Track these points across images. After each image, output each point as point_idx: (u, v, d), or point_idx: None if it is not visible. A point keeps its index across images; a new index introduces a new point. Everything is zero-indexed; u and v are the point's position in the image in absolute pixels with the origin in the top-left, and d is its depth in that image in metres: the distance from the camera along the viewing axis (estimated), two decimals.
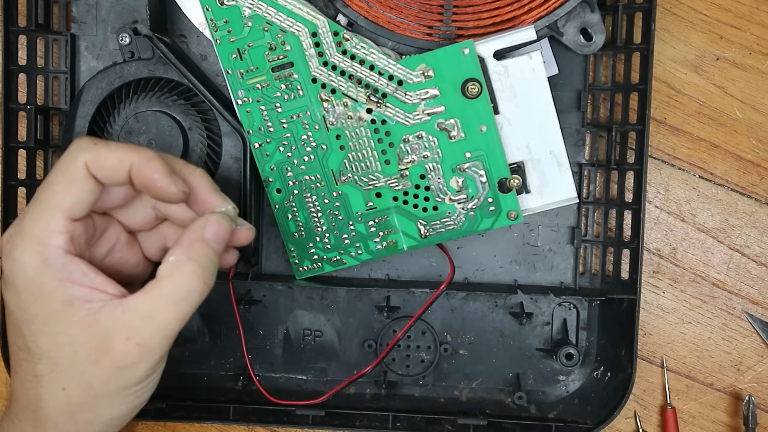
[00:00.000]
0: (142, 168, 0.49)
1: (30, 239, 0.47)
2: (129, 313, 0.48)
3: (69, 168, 0.48)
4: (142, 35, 0.63)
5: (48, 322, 0.47)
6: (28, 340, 0.48)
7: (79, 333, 0.47)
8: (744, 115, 0.67)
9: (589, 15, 0.60)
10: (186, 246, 0.49)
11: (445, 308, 0.69)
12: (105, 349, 0.47)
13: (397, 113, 0.58)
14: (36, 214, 0.48)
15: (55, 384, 0.48)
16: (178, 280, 0.48)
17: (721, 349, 0.68)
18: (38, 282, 0.47)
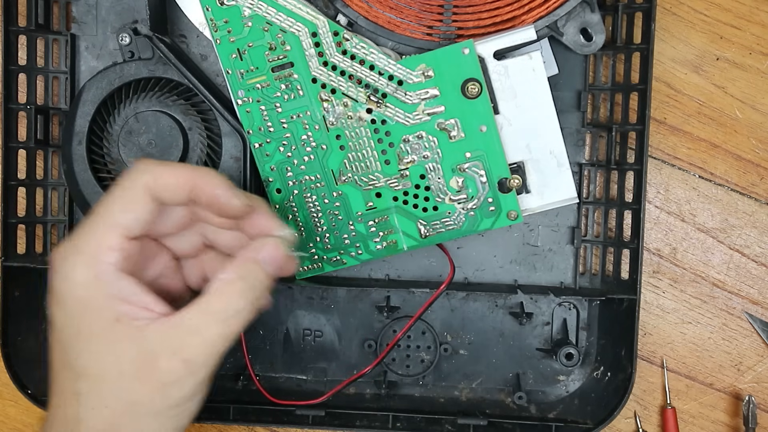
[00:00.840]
0: (205, 184, 0.49)
1: (83, 254, 0.47)
2: (175, 329, 0.47)
3: (129, 187, 0.48)
4: (142, 35, 0.63)
5: (94, 339, 0.47)
6: (71, 357, 0.47)
7: (126, 350, 0.47)
8: (744, 115, 0.67)
9: (589, 15, 0.60)
10: (239, 265, 0.49)
11: (445, 308, 0.69)
12: (151, 366, 0.47)
13: (397, 113, 0.58)
14: (92, 230, 0.48)
15: (97, 402, 0.47)
16: (226, 299, 0.48)
17: (721, 349, 0.68)
18: (88, 298, 0.47)
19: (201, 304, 0.48)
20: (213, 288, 0.48)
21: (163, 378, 0.47)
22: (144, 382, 0.47)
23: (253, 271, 0.49)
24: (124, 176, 0.49)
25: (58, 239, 0.69)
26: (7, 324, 0.66)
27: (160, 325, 0.47)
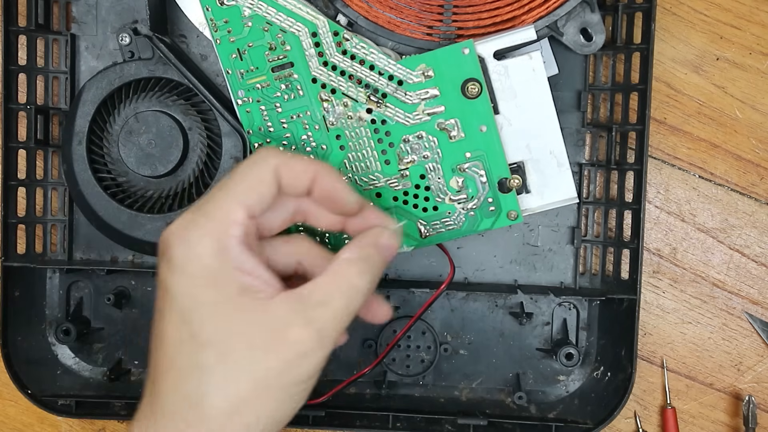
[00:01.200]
0: (326, 176, 0.50)
1: (209, 225, 0.47)
2: (303, 301, 0.47)
3: (258, 167, 0.49)
4: (142, 35, 0.63)
5: (222, 310, 0.46)
6: (195, 328, 0.46)
7: (254, 321, 0.46)
8: (744, 115, 0.67)
9: (589, 15, 0.60)
10: (360, 247, 0.50)
11: (445, 308, 0.69)
12: (282, 338, 0.46)
13: (397, 113, 0.58)
14: (218, 203, 0.47)
15: (223, 376, 0.45)
16: (350, 275, 0.49)
17: (721, 349, 0.68)
18: (215, 268, 0.46)
19: (326, 279, 0.48)
20: (336, 265, 0.49)
21: (295, 349, 0.46)
22: (275, 354, 0.46)
23: (373, 254, 0.50)
24: (253, 156, 0.49)
25: (58, 239, 0.69)
26: (7, 324, 0.66)
27: (286, 298, 0.47)
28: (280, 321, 0.46)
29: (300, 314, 0.46)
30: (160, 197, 0.65)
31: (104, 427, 0.71)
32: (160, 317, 0.47)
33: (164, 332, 0.46)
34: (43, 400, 0.67)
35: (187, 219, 0.47)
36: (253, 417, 0.46)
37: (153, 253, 0.65)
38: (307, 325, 0.46)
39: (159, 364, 0.47)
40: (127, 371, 0.70)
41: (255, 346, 0.45)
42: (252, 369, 0.45)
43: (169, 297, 0.46)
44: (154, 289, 0.69)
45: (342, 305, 0.48)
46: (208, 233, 0.46)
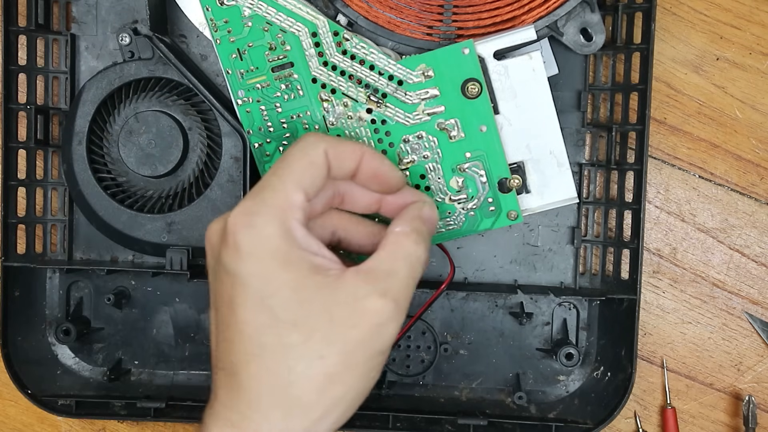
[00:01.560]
0: (372, 157, 0.52)
1: (273, 209, 0.47)
2: (373, 274, 0.48)
3: (310, 151, 0.49)
4: (142, 35, 0.63)
5: (299, 290, 0.46)
6: (278, 311, 0.46)
7: (332, 297, 0.47)
8: (744, 115, 0.67)
9: (589, 15, 0.60)
10: (408, 220, 0.52)
11: (445, 308, 0.69)
12: (361, 310, 0.47)
13: (397, 113, 0.58)
14: (277, 188, 0.48)
15: (310, 353, 0.46)
16: (407, 245, 0.50)
17: (721, 349, 0.68)
18: (285, 250, 0.47)
19: (387, 252, 0.50)
20: (393, 238, 0.50)
21: (375, 319, 0.47)
22: (358, 326, 0.47)
23: (421, 226, 0.52)
24: (301, 141, 0.50)
25: (58, 239, 0.69)
26: (7, 324, 0.66)
27: (356, 273, 0.48)
28: (357, 294, 0.47)
29: (374, 286, 0.47)
30: (160, 197, 0.65)
31: (104, 427, 0.71)
32: (230, 309, 0.47)
33: (242, 321, 0.46)
34: (43, 400, 0.67)
35: (247, 206, 0.47)
36: (342, 391, 0.47)
37: (153, 253, 0.65)
38: (383, 295, 0.47)
39: (239, 353, 0.47)
40: (127, 371, 0.70)
41: (337, 320, 0.46)
42: (338, 343, 0.46)
43: (241, 284, 0.46)
44: (154, 289, 0.69)
45: (408, 274, 0.49)
46: (272, 218, 0.47)
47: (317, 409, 0.46)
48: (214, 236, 0.49)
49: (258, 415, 0.46)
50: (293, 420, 0.46)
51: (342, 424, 0.48)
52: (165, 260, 0.64)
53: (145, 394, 0.68)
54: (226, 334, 0.47)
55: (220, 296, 0.48)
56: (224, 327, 0.47)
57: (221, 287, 0.48)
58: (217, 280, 0.48)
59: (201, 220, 0.64)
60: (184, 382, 0.70)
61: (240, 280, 0.46)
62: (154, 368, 0.70)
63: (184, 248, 0.64)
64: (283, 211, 0.47)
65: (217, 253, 0.48)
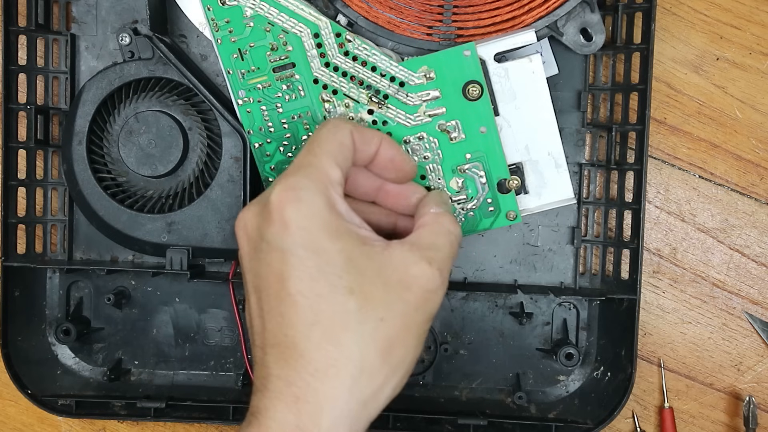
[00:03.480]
0: (389, 144, 0.54)
1: (317, 183, 0.48)
2: (418, 246, 0.50)
3: (339, 132, 0.51)
4: (142, 35, 0.63)
5: (352, 258, 0.47)
6: (334, 279, 0.46)
7: (383, 265, 0.48)
8: (744, 115, 0.67)
9: (589, 15, 0.60)
10: (439, 202, 0.55)
11: (445, 308, 0.69)
12: (412, 276, 0.48)
13: (399, 114, 0.58)
14: (316, 164, 0.49)
15: (370, 317, 0.47)
16: (445, 223, 0.52)
17: (721, 349, 0.69)
18: (334, 223, 0.48)
19: (427, 229, 0.52)
20: (430, 218, 0.53)
21: (425, 285, 0.48)
22: (410, 292, 0.48)
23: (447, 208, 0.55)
24: (329, 123, 0.52)
25: (58, 239, 0.69)
26: (7, 324, 0.66)
27: (400, 245, 0.49)
28: (405, 263, 0.48)
29: (420, 255, 0.49)
30: (160, 197, 0.65)
31: (104, 427, 0.71)
32: (281, 284, 0.47)
33: (297, 292, 0.46)
34: (43, 400, 0.67)
35: (290, 182, 0.48)
36: (403, 353, 0.48)
37: (153, 253, 0.65)
38: (430, 264, 0.49)
39: (296, 324, 0.46)
40: (127, 371, 0.70)
41: (391, 287, 0.48)
42: (395, 308, 0.48)
43: (293, 256, 0.47)
44: (154, 289, 0.69)
45: (449, 249, 0.51)
46: (319, 192, 0.48)
47: (382, 372, 0.47)
48: (251, 220, 0.49)
49: (324, 383, 0.46)
50: (360, 385, 0.46)
51: (401, 389, 0.50)
52: (165, 260, 0.64)
53: (145, 394, 0.68)
54: (279, 309, 0.47)
55: (266, 276, 0.48)
56: (275, 303, 0.47)
57: (266, 267, 0.48)
58: (260, 261, 0.48)
59: (201, 220, 0.64)
60: (184, 382, 0.70)
61: (291, 254, 0.47)
62: (154, 368, 0.70)
63: (184, 248, 0.64)
64: (326, 186, 0.48)
65: (257, 235, 0.48)
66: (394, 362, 0.48)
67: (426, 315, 0.49)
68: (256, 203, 0.49)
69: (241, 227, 0.50)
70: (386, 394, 0.48)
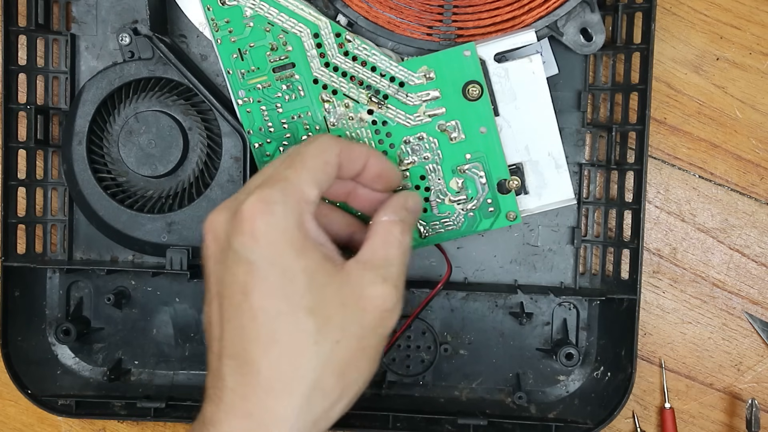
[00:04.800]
0: (377, 160, 0.54)
1: (292, 200, 0.48)
2: (372, 263, 0.50)
3: (326, 150, 0.51)
4: (142, 35, 0.63)
5: (315, 278, 0.47)
6: (294, 298, 0.47)
7: (342, 285, 0.48)
8: (744, 115, 0.67)
9: (589, 15, 0.60)
10: (394, 210, 0.54)
11: (445, 308, 0.69)
12: (369, 296, 0.49)
13: (398, 114, 0.58)
14: (294, 181, 0.49)
15: (329, 338, 0.47)
16: (396, 234, 0.52)
17: (721, 349, 0.69)
18: (301, 240, 0.48)
19: (378, 242, 0.52)
20: (381, 227, 0.52)
21: (382, 305, 0.49)
22: (367, 312, 0.49)
23: (407, 216, 0.54)
24: (319, 140, 0.51)
25: (58, 239, 0.69)
26: (7, 324, 0.66)
27: (356, 263, 0.50)
28: (363, 282, 0.49)
29: (376, 274, 0.49)
30: (160, 197, 0.65)
31: (104, 427, 0.71)
32: (244, 295, 0.47)
33: (258, 307, 0.47)
34: (43, 400, 0.67)
35: (264, 195, 0.48)
36: (357, 374, 0.49)
37: (153, 253, 0.65)
38: (385, 282, 0.49)
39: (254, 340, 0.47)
40: (127, 371, 0.70)
41: (349, 308, 0.48)
42: (351, 330, 0.48)
43: (258, 271, 0.47)
44: (154, 289, 0.69)
45: (401, 262, 0.51)
46: (291, 208, 0.48)
47: (335, 392, 0.48)
48: (221, 225, 0.49)
49: (278, 402, 0.46)
50: (313, 405, 0.47)
51: (352, 405, 0.50)
52: (165, 260, 0.64)
53: (145, 394, 0.68)
54: (239, 321, 0.47)
55: (230, 284, 0.48)
56: (236, 314, 0.47)
57: (231, 275, 0.48)
58: (226, 269, 0.48)
59: (201, 220, 0.63)
60: (184, 382, 0.70)
61: (257, 267, 0.47)
62: (154, 368, 0.70)
63: (184, 248, 0.64)
64: (300, 204, 0.48)
65: (225, 241, 0.48)
66: (347, 383, 0.49)
67: (381, 335, 0.50)
68: (227, 208, 0.49)
69: (210, 229, 0.50)
70: (337, 413, 0.49)
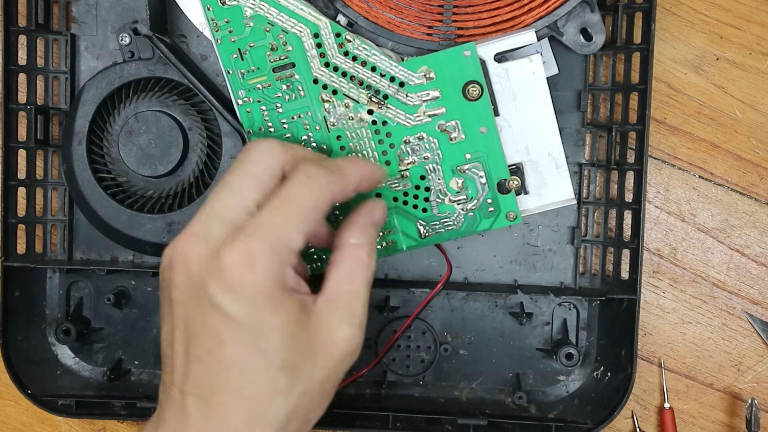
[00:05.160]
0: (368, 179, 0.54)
1: (276, 254, 0.47)
2: (339, 299, 0.50)
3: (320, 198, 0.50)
4: (142, 35, 0.63)
5: (289, 331, 0.47)
6: (269, 356, 0.47)
7: (312, 333, 0.48)
8: (744, 115, 0.67)
9: (589, 15, 0.60)
10: (362, 229, 0.53)
11: (445, 308, 0.69)
12: (336, 341, 0.49)
13: (398, 114, 0.58)
14: (281, 229, 0.48)
15: (297, 390, 0.48)
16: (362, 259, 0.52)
17: (721, 349, 0.69)
18: (279, 293, 0.47)
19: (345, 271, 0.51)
20: (348, 253, 0.52)
21: (348, 347, 0.50)
22: (333, 357, 0.49)
23: (373, 233, 0.53)
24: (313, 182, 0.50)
25: (58, 239, 0.69)
26: (7, 324, 0.66)
27: (325, 302, 0.50)
28: (331, 326, 0.49)
29: (342, 314, 0.50)
30: (160, 197, 0.65)
31: (104, 427, 0.71)
32: (217, 343, 0.47)
33: (231, 359, 0.47)
34: (43, 400, 0.67)
35: (250, 248, 0.47)
36: (316, 413, 0.50)
37: (153, 253, 0.65)
38: (352, 323, 0.50)
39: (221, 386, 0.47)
40: (127, 371, 0.70)
41: (318, 356, 0.49)
42: (317, 377, 0.49)
43: (234, 324, 0.46)
44: (154, 289, 0.69)
45: (366, 291, 0.51)
46: (274, 263, 0.47)
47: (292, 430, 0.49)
48: (197, 262, 0.48)
49: None
50: None
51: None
52: None
53: (145, 394, 0.68)
54: (209, 368, 0.47)
55: (201, 327, 0.47)
56: (207, 359, 0.47)
57: (203, 320, 0.47)
58: (197, 310, 0.47)
59: None
60: None
61: (233, 321, 0.46)
62: (154, 368, 0.70)
63: None
64: (283, 256, 0.48)
65: (198, 280, 0.47)
66: (307, 420, 0.50)
67: (341, 374, 0.50)
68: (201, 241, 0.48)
69: (181, 260, 0.48)
70: None
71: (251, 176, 0.49)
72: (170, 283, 0.49)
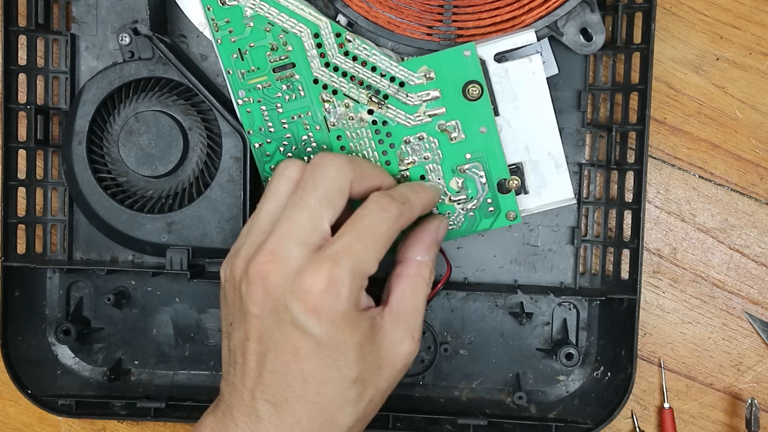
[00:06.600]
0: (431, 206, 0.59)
1: (356, 281, 0.51)
2: (403, 314, 0.54)
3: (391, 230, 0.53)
4: (142, 35, 0.63)
5: (362, 349, 0.51)
6: (344, 370, 0.51)
7: (380, 348, 0.53)
8: (744, 115, 0.67)
9: (589, 15, 0.60)
10: (427, 246, 0.57)
11: (445, 308, 0.69)
12: (399, 354, 0.54)
13: (399, 114, 0.58)
14: (363, 258, 0.51)
15: (365, 398, 0.52)
16: (424, 275, 0.56)
17: (721, 349, 0.69)
18: (356, 314, 0.51)
19: (410, 287, 0.55)
20: (413, 270, 0.56)
21: (409, 359, 0.54)
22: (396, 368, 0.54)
23: (436, 251, 0.58)
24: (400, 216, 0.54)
25: (58, 239, 0.69)
26: (7, 324, 0.66)
27: (390, 317, 0.54)
28: (395, 340, 0.53)
29: (406, 328, 0.54)
30: (160, 197, 0.65)
31: (104, 427, 0.71)
32: (295, 357, 0.51)
33: (308, 372, 0.51)
34: (43, 400, 0.67)
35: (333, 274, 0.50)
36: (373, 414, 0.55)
37: (153, 253, 0.65)
38: (414, 337, 0.54)
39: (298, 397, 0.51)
40: (127, 371, 0.70)
41: (383, 369, 0.53)
42: (382, 387, 0.54)
43: (315, 343, 0.50)
44: (154, 289, 0.69)
45: (425, 305, 0.56)
46: (355, 289, 0.51)
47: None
48: (278, 282, 0.50)
49: None
50: None
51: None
52: (165, 260, 0.64)
53: (145, 394, 0.68)
54: (285, 378, 0.51)
55: (281, 342, 0.51)
56: (282, 370, 0.51)
57: (283, 335, 0.51)
58: (277, 326, 0.51)
59: (201, 220, 0.64)
60: (184, 382, 0.70)
61: (314, 339, 0.50)
62: (154, 368, 0.70)
63: (184, 248, 0.64)
64: (362, 284, 0.52)
65: (280, 300, 0.50)
66: (366, 423, 0.55)
67: (398, 381, 0.55)
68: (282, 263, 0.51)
69: (260, 278, 0.51)
70: None
71: (324, 195, 0.52)
72: (247, 297, 0.52)
